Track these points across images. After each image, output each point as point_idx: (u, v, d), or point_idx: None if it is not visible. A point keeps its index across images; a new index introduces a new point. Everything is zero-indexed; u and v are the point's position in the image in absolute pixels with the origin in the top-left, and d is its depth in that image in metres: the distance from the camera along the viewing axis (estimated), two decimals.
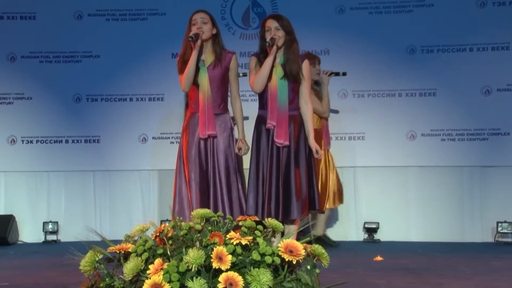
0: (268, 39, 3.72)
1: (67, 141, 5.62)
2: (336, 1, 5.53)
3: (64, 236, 5.47)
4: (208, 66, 3.78)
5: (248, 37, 5.61)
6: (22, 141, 5.61)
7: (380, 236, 5.40)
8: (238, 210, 3.71)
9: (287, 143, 3.75)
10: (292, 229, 3.74)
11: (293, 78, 3.79)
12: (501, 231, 5.16)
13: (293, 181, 3.74)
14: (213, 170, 3.74)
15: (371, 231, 5.40)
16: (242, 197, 3.77)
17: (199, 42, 3.70)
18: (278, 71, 3.79)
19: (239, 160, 3.85)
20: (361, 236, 5.46)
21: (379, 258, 4.31)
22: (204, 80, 3.76)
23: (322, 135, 4.88)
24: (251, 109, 5.02)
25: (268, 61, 3.74)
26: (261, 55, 3.83)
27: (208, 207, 3.61)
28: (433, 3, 5.41)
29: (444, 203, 5.38)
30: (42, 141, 5.62)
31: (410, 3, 5.45)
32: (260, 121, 3.85)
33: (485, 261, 4.15)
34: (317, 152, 3.86)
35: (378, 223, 5.41)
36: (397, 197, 5.44)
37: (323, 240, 4.82)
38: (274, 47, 3.72)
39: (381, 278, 3.56)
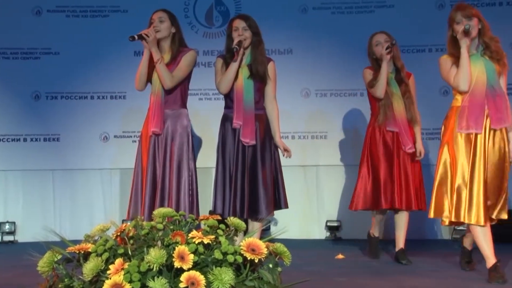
0: (235, 42, 3.75)
1: (25, 140, 5.51)
2: (299, 0, 5.56)
3: (22, 236, 5.36)
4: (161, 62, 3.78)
5: (211, 36, 5.59)
6: None
7: (342, 234, 5.45)
8: (188, 208, 3.70)
9: (253, 142, 3.79)
10: (257, 226, 3.77)
11: (259, 78, 3.83)
12: (458, 228, 5.26)
13: (260, 180, 3.76)
14: (163, 168, 3.73)
15: (333, 229, 5.45)
16: (194, 194, 3.77)
17: (150, 40, 3.69)
18: (244, 71, 3.83)
19: (194, 158, 3.85)
20: (323, 234, 5.50)
21: (340, 256, 4.36)
22: (155, 77, 3.78)
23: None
24: (215, 108, 5.01)
25: (234, 65, 3.78)
26: (227, 55, 3.86)
27: (156, 205, 3.62)
28: (394, 4, 5.49)
29: None
30: None
31: (372, 4, 5.52)
32: (226, 120, 3.88)
33: (443, 257, 4.24)
34: (285, 150, 3.89)
35: (340, 221, 5.47)
36: None
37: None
38: (241, 50, 3.76)
39: (342, 275, 3.60)
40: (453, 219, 3.39)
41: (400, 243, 4.12)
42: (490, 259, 3.33)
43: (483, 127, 3.37)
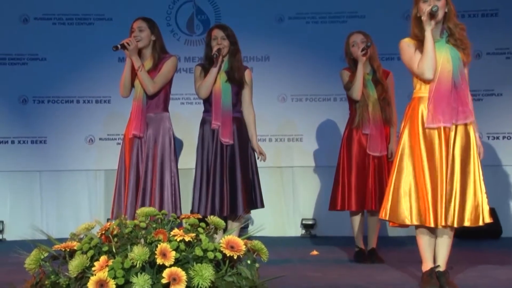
0: (214, 50, 3.76)
1: (13, 142, 5.44)
2: (276, 10, 5.58)
3: (10, 235, 5.28)
4: (147, 70, 3.77)
5: (192, 43, 5.58)
6: None
7: (317, 232, 5.48)
8: (171, 207, 3.70)
9: (232, 142, 3.80)
10: (236, 224, 3.78)
11: (236, 82, 3.86)
12: None
13: (238, 179, 3.78)
14: (146, 169, 3.73)
15: (308, 227, 5.47)
16: (177, 194, 3.77)
17: (131, 49, 3.69)
18: (222, 77, 3.86)
19: (176, 159, 3.84)
20: (299, 232, 5.52)
21: (315, 252, 4.39)
22: (137, 83, 3.78)
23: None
24: (195, 111, 5.00)
25: (214, 70, 3.80)
26: (206, 62, 3.88)
27: (138, 205, 3.61)
28: (365, 15, 5.53)
29: None
30: None
31: (344, 14, 5.56)
32: (205, 122, 3.91)
33: (408, 252, 4.27)
34: (261, 153, 3.90)
35: (315, 219, 5.49)
36: None
37: None
38: (220, 58, 3.77)
39: (316, 271, 3.63)
40: (415, 222, 2.95)
41: (372, 243, 4.08)
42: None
43: (451, 120, 2.91)
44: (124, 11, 5.34)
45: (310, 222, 5.48)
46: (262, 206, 3.95)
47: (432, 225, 2.93)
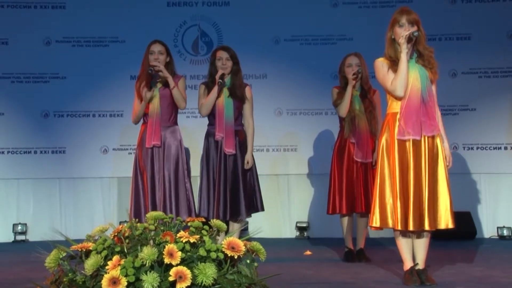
0: (219, 73, 3.80)
1: (35, 152, 5.46)
2: (273, 33, 5.61)
3: (32, 236, 5.29)
4: (160, 87, 3.83)
5: (197, 63, 5.61)
6: None
7: (310, 233, 5.47)
8: (185, 209, 3.72)
9: (234, 152, 3.81)
10: (236, 226, 3.78)
11: (238, 98, 3.87)
12: None
13: (240, 186, 3.79)
14: (163, 175, 3.76)
15: (302, 229, 5.46)
16: (191, 197, 3.79)
17: (163, 69, 3.76)
18: (225, 92, 3.87)
19: (188, 166, 3.87)
20: (293, 233, 5.51)
21: (308, 252, 4.38)
22: (155, 99, 3.82)
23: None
24: (199, 124, 5.02)
25: (214, 95, 3.81)
26: (209, 80, 3.90)
27: (158, 207, 3.64)
28: (352, 37, 5.56)
29: None
30: (12, 152, 5.44)
31: (334, 37, 5.58)
32: (209, 134, 3.93)
33: (393, 252, 4.26)
34: (247, 162, 3.87)
35: (308, 222, 5.49)
36: (324, 200, 5.51)
37: None
38: (223, 82, 3.82)
39: (309, 269, 3.62)
40: (399, 227, 2.94)
41: (360, 244, 4.06)
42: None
43: (420, 133, 2.95)
44: (136, 34, 5.38)
45: (304, 225, 5.47)
46: (263, 209, 3.95)
47: (400, 227, 2.94)
